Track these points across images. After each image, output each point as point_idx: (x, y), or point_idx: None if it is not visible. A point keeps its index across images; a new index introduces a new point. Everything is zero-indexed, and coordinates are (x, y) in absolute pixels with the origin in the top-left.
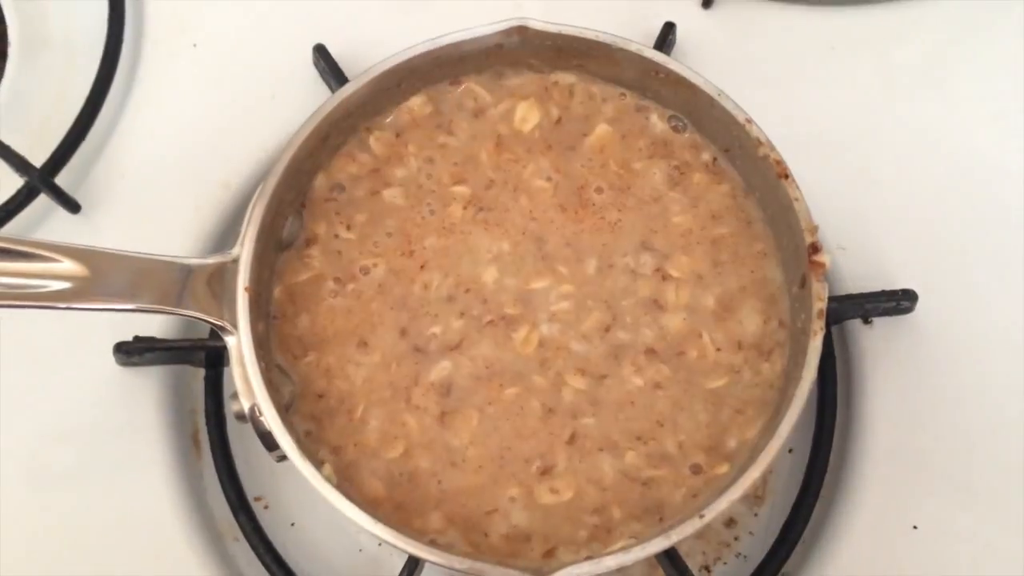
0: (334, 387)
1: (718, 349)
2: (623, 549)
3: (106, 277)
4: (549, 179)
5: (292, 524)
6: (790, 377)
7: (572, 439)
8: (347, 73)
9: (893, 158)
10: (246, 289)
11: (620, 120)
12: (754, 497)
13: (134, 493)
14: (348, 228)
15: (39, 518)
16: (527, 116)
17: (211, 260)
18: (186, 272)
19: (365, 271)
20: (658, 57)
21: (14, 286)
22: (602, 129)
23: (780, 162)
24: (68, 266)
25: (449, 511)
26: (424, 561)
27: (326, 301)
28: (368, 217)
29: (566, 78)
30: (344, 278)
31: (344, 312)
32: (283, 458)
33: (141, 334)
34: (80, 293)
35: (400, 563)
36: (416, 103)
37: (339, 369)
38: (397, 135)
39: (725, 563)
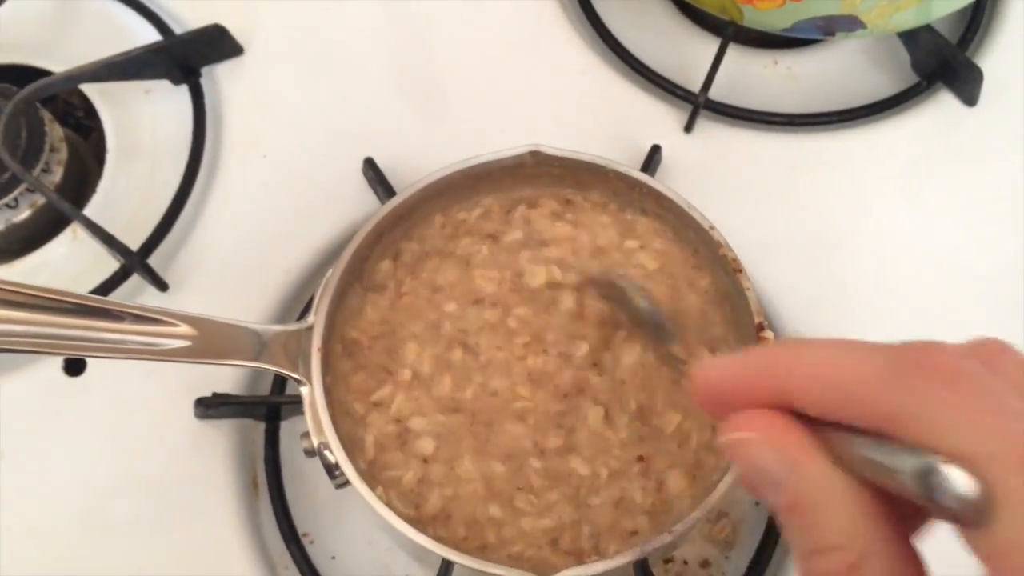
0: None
1: None
2: (603, 559)
3: (212, 338)
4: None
5: (332, 557)
6: None
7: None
8: (391, 180)
9: (844, 257)
10: (318, 350)
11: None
12: (725, 543)
13: (203, 527)
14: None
15: (123, 548)
16: (536, 272)
17: (291, 327)
18: (268, 336)
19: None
20: (642, 177)
21: (146, 343)
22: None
23: (735, 260)
24: (184, 329)
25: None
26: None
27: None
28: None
29: (572, 195)
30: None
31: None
32: (342, 485)
33: (218, 391)
34: (194, 351)
35: None
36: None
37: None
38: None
39: None
